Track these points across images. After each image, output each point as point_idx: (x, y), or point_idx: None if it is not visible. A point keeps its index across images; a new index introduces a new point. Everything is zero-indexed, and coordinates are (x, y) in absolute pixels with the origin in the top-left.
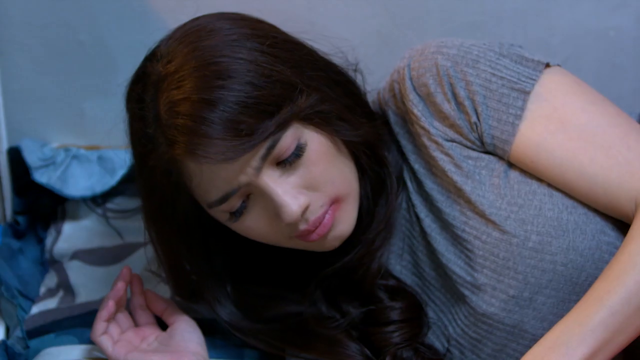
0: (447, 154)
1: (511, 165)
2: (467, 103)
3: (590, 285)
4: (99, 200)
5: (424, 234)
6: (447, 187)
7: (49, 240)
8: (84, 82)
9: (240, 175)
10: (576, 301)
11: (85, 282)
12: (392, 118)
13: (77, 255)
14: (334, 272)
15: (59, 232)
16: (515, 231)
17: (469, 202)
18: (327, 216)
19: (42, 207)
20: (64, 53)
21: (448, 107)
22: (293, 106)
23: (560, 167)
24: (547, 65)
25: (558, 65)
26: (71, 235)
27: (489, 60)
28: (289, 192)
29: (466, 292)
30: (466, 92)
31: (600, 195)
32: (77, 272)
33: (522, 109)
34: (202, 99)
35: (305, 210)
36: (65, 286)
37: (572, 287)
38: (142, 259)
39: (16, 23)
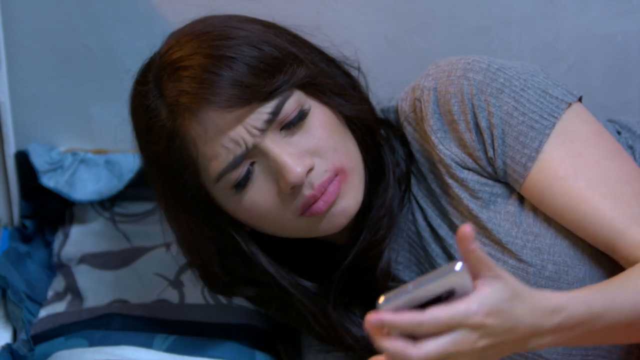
0: (462, 183)
1: None
2: (486, 135)
3: None
4: (106, 204)
5: (444, 247)
6: (462, 212)
7: (56, 244)
8: (91, 87)
9: (246, 135)
10: None
11: (93, 286)
12: (411, 133)
13: (84, 259)
14: (346, 274)
15: (66, 236)
16: (531, 260)
17: (484, 229)
18: (332, 185)
19: (49, 211)
20: (71, 58)
21: (469, 137)
22: (292, 72)
23: (562, 212)
24: (569, 104)
25: (579, 101)
26: (79, 239)
27: (513, 92)
28: (292, 154)
29: None
30: (487, 122)
31: (601, 240)
32: (85, 276)
33: (538, 150)
34: (208, 54)
35: (309, 172)
36: (73, 290)
37: None
38: (150, 262)
39: (24, 28)
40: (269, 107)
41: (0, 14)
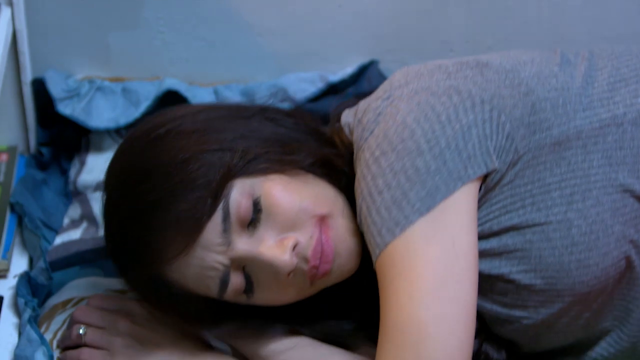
0: None
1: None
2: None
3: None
4: (123, 131)
5: None
6: None
7: (72, 172)
8: (109, 14)
9: (217, 257)
10: (587, 318)
11: None
12: None
13: (100, 186)
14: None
15: (82, 164)
16: (520, 281)
17: None
18: (325, 244)
19: (66, 139)
20: None
21: None
22: (222, 169)
23: None
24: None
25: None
26: (95, 167)
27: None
28: (271, 246)
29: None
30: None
31: None
32: (100, 203)
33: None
34: (138, 211)
35: (295, 248)
36: (89, 217)
37: (584, 306)
38: None
39: None
40: (216, 219)
41: None
